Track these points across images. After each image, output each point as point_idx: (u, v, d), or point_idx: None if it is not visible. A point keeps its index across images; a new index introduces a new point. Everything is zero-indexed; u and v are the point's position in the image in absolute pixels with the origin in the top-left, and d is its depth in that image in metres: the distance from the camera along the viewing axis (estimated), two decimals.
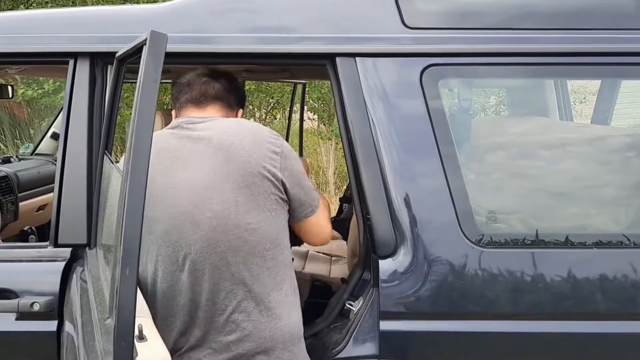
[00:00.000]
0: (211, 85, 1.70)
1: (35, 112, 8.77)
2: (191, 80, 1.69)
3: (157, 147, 1.48)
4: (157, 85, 1.04)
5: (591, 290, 1.69)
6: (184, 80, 1.70)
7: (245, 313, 1.50)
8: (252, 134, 1.56)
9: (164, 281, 1.54)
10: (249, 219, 1.49)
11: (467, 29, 1.76)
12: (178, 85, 1.71)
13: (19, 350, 1.82)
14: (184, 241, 1.50)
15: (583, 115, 3.60)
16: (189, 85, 1.69)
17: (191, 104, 1.68)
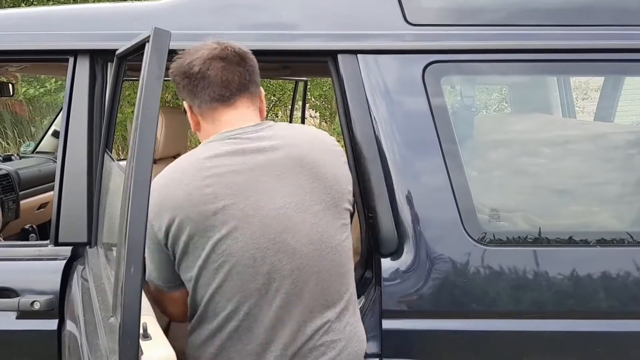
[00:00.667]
0: (231, 71, 1.37)
1: (37, 110, 8.78)
2: (204, 70, 1.34)
3: (219, 170, 1.30)
4: (161, 83, 1.03)
5: (594, 289, 1.68)
6: (193, 70, 1.35)
7: (333, 332, 1.36)
8: (329, 148, 1.43)
9: (248, 317, 1.32)
10: (339, 239, 1.38)
11: (469, 25, 1.76)
12: (188, 77, 1.36)
13: (19, 349, 1.82)
14: (278, 273, 1.30)
15: (586, 112, 3.59)
16: (204, 77, 1.35)
17: (218, 103, 1.37)
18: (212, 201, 1.28)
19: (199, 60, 1.34)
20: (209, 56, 1.34)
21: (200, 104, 1.38)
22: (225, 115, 1.39)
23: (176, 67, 1.37)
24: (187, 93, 1.39)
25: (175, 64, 1.37)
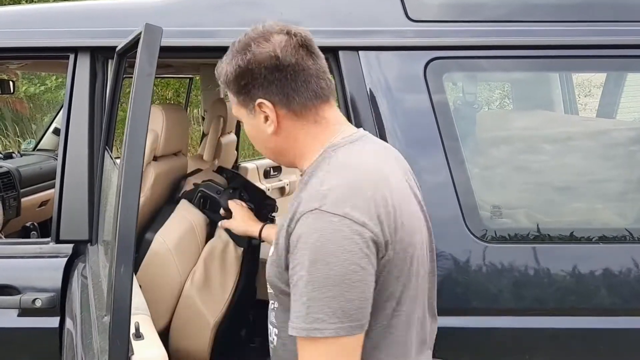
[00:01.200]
0: (318, 60, 1.18)
1: (37, 107, 8.79)
2: (300, 61, 1.14)
3: (386, 172, 1.16)
4: (152, 79, 1.03)
5: (596, 286, 1.67)
6: (288, 61, 1.12)
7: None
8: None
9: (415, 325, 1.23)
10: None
11: (471, 21, 1.75)
12: (281, 70, 1.13)
13: (21, 347, 1.82)
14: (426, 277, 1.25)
15: (588, 108, 3.58)
16: (304, 70, 1.14)
17: (320, 100, 1.17)
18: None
19: (289, 49, 1.12)
20: (294, 44, 1.13)
21: (302, 101, 1.14)
22: (328, 112, 1.19)
23: (261, 59, 1.12)
24: (278, 90, 1.13)
25: (258, 56, 1.12)
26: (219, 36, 1.79)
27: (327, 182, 1.07)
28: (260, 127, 1.18)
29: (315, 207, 1.03)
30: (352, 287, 1.01)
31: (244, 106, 1.18)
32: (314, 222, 1.03)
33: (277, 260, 1.13)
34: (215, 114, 3.03)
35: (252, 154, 8.41)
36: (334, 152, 1.15)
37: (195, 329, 2.13)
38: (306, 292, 1.02)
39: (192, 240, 2.18)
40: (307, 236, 1.02)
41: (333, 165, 1.12)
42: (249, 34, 1.16)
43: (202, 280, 2.16)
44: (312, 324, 1.01)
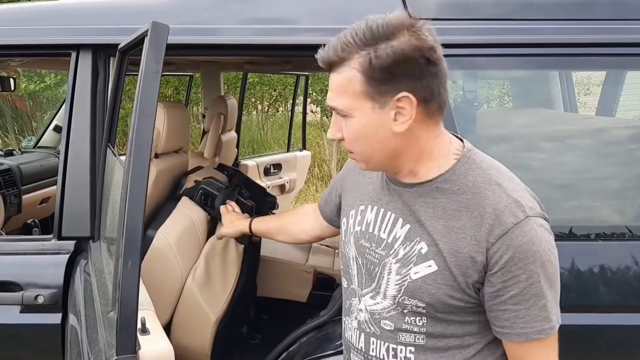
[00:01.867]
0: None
1: (37, 104, 8.78)
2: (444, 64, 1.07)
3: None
4: (159, 77, 1.03)
5: (595, 283, 1.68)
6: (441, 60, 1.06)
7: None
8: None
9: None
10: None
11: (471, 19, 1.75)
12: (437, 65, 1.06)
13: (23, 343, 1.83)
14: None
15: (588, 106, 3.58)
16: (444, 68, 1.07)
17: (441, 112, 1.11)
18: None
19: (439, 49, 1.06)
20: (413, 46, 1.03)
21: (442, 101, 1.08)
22: (441, 123, 1.14)
23: (423, 48, 1.04)
24: (427, 85, 1.05)
25: (420, 44, 1.04)
26: (222, 34, 1.80)
27: (514, 189, 1.10)
28: (385, 124, 1.07)
29: (523, 217, 1.05)
30: (559, 275, 1.12)
31: (372, 99, 1.06)
32: (530, 230, 1.05)
33: (451, 278, 1.10)
34: (215, 112, 3.03)
35: (252, 152, 8.42)
36: (475, 156, 1.15)
37: (196, 325, 2.14)
38: (543, 295, 1.07)
39: (193, 237, 2.19)
40: (528, 245, 1.05)
41: (493, 169, 1.13)
42: (390, 22, 1.05)
43: (203, 277, 2.17)
44: (554, 319, 1.10)
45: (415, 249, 1.13)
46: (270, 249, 2.93)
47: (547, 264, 1.06)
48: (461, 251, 1.08)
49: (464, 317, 1.15)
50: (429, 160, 1.13)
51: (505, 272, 1.06)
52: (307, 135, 5.08)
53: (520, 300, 1.07)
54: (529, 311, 1.07)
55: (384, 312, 1.19)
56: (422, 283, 1.12)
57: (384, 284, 1.18)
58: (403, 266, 1.14)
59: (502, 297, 1.08)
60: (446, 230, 1.10)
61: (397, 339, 1.18)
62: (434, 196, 1.12)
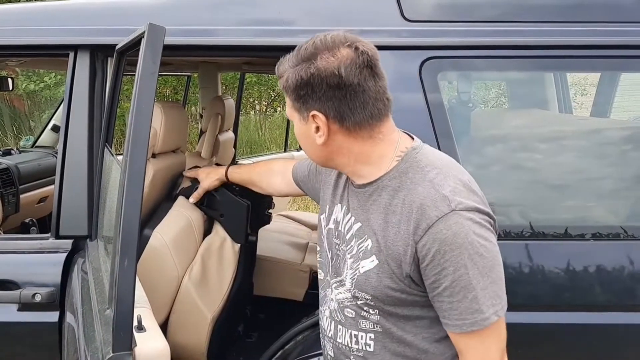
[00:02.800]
0: (380, 80, 1.18)
1: (35, 104, 8.78)
2: (362, 82, 1.13)
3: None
4: (156, 78, 1.05)
5: (589, 282, 1.70)
6: (350, 81, 1.12)
7: None
8: None
9: None
10: None
11: (466, 21, 1.77)
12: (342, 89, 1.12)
13: (20, 341, 1.84)
14: None
15: (584, 107, 3.60)
16: (364, 92, 1.14)
17: (376, 120, 1.18)
18: None
19: (353, 68, 1.11)
20: (360, 64, 1.12)
21: (356, 120, 1.15)
22: (385, 126, 1.20)
23: (324, 75, 1.12)
24: (334, 106, 1.14)
25: (322, 72, 1.12)
26: (219, 35, 1.81)
27: (444, 184, 1.13)
28: (310, 135, 1.19)
29: (447, 211, 1.09)
30: (500, 267, 1.14)
31: (297, 112, 1.19)
32: (454, 224, 1.09)
33: (389, 271, 1.16)
34: (213, 112, 3.04)
35: (249, 152, 8.43)
36: (419, 155, 1.20)
37: (192, 323, 2.15)
38: (472, 288, 1.09)
39: (190, 236, 2.20)
40: (453, 238, 1.08)
41: (431, 167, 1.17)
42: (316, 43, 1.14)
43: (199, 276, 2.18)
44: (488, 311, 1.10)
45: (363, 246, 1.21)
46: (266, 248, 2.94)
47: (475, 256, 1.09)
48: (395, 244, 1.15)
49: (413, 312, 1.21)
50: (368, 164, 1.21)
51: (435, 265, 1.11)
52: None
53: (452, 292, 1.11)
54: (460, 303, 1.11)
55: (346, 301, 1.27)
56: (366, 277, 1.20)
57: (344, 276, 1.27)
58: (355, 261, 1.23)
59: (437, 290, 1.12)
60: (385, 224, 1.17)
61: (358, 325, 1.26)
62: (379, 194, 1.20)
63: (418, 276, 1.14)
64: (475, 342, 1.14)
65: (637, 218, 1.82)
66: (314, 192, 1.60)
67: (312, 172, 1.60)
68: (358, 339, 1.27)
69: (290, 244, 3.16)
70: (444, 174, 1.15)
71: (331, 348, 1.35)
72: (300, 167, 1.68)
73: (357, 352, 1.27)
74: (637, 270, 1.69)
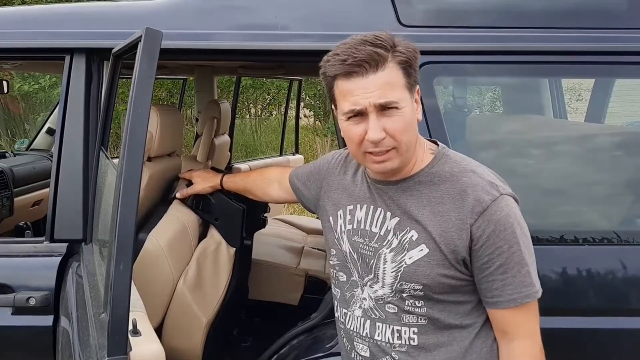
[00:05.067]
0: None
1: (30, 107, 8.76)
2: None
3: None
4: (152, 82, 1.05)
5: (583, 287, 1.70)
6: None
7: None
8: None
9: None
10: None
11: (462, 27, 1.78)
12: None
13: (15, 345, 1.83)
14: None
15: (579, 112, 3.62)
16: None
17: None
18: None
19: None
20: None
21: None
22: None
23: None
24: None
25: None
26: (215, 39, 1.81)
27: (485, 174, 1.24)
28: (414, 112, 1.23)
29: (498, 195, 1.20)
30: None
31: (409, 90, 1.21)
32: (505, 206, 1.20)
33: (442, 258, 1.22)
34: (209, 115, 3.04)
35: (245, 155, 8.43)
36: (449, 152, 1.31)
37: (187, 327, 2.15)
38: (525, 263, 1.20)
39: (185, 240, 2.20)
40: (506, 218, 1.19)
41: (466, 161, 1.29)
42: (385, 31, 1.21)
43: (194, 280, 2.18)
44: (536, 285, 1.22)
45: (407, 237, 1.26)
46: (261, 252, 2.94)
47: (523, 235, 1.21)
48: (448, 231, 1.21)
49: (458, 297, 1.27)
50: (419, 147, 1.29)
51: (490, 245, 1.19)
52: (299, 139, 5.10)
53: (506, 269, 1.20)
54: (514, 278, 1.20)
55: (387, 297, 1.29)
56: (416, 267, 1.24)
57: (380, 273, 1.29)
58: (397, 254, 1.26)
59: (489, 269, 1.21)
60: (432, 215, 1.23)
61: (401, 320, 1.29)
62: (418, 189, 1.27)
63: (469, 259, 1.22)
64: (524, 316, 1.23)
65: (631, 223, 1.83)
66: (309, 198, 1.59)
67: (311, 178, 1.59)
68: (401, 334, 1.29)
69: (286, 248, 3.16)
70: (479, 166, 1.27)
71: (367, 348, 1.35)
72: (299, 173, 1.68)
73: (400, 347, 1.29)
74: (630, 274, 1.70)
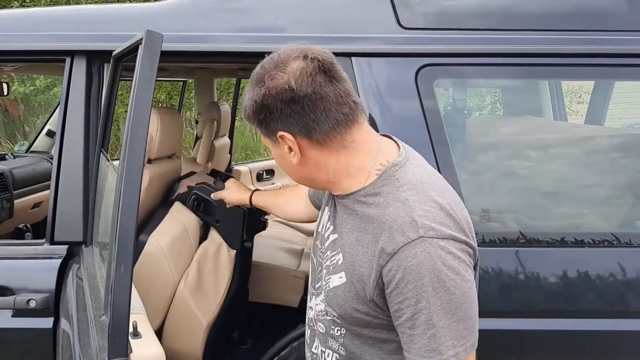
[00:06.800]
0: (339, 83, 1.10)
1: (30, 109, 8.76)
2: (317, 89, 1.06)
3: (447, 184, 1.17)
4: (153, 84, 1.05)
5: (583, 289, 1.70)
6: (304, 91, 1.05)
7: None
8: None
9: None
10: None
11: (462, 29, 1.78)
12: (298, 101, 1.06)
13: (14, 347, 1.83)
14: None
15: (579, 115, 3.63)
16: (322, 98, 1.06)
17: (344, 126, 1.11)
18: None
19: (306, 77, 1.05)
20: (310, 71, 1.06)
21: (322, 130, 1.07)
22: (357, 133, 1.11)
23: (275, 93, 1.06)
24: (296, 122, 1.07)
25: (272, 90, 1.06)
26: (214, 41, 1.82)
27: (416, 207, 1.04)
28: (285, 157, 1.13)
29: (415, 237, 1.00)
30: (471, 304, 1.02)
31: (267, 137, 1.13)
32: (422, 252, 1.00)
33: (355, 292, 1.09)
34: (209, 117, 3.05)
35: (244, 157, 8.42)
36: (401, 171, 1.10)
37: (187, 330, 2.14)
38: (432, 325, 1.00)
39: (186, 242, 2.20)
40: (418, 267, 0.99)
41: (408, 186, 1.08)
42: (264, 65, 1.09)
43: (195, 282, 2.18)
44: (447, 352, 1.00)
45: (335, 259, 1.15)
46: (262, 254, 2.93)
47: (440, 290, 0.99)
48: (362, 265, 1.08)
49: (381, 334, 1.13)
50: (348, 178, 1.13)
51: (398, 293, 1.02)
52: None
53: (413, 325, 1.02)
54: (420, 338, 1.01)
55: (320, 314, 1.21)
56: (334, 293, 1.13)
57: (319, 285, 1.21)
58: (327, 273, 1.16)
59: (400, 319, 1.04)
60: (356, 242, 1.10)
61: (327, 342, 1.20)
62: (354, 208, 1.12)
63: (382, 301, 1.07)
64: None
65: (631, 225, 1.83)
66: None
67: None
68: (325, 356, 1.22)
69: (286, 250, 3.16)
70: (420, 195, 1.06)
71: (309, 356, 1.30)
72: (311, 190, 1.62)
73: None
74: (630, 276, 1.70)
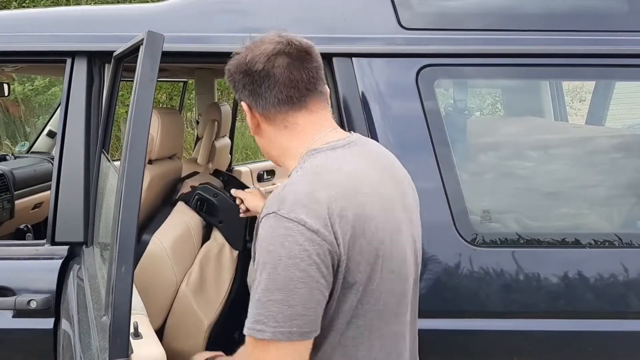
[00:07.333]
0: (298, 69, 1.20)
1: (30, 110, 8.76)
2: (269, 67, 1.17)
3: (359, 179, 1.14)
4: (154, 85, 1.05)
5: (584, 289, 1.70)
6: (256, 67, 1.18)
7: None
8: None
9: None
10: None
11: (462, 30, 1.78)
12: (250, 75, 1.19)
13: (15, 348, 1.83)
14: (409, 287, 1.22)
15: (580, 115, 3.62)
16: (269, 76, 1.18)
17: (288, 106, 1.21)
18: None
19: (262, 56, 1.17)
20: (273, 52, 1.17)
21: (266, 105, 1.19)
22: (302, 118, 1.20)
23: (235, 64, 1.21)
24: (248, 93, 1.21)
25: (234, 61, 1.21)
26: (215, 42, 1.82)
27: (290, 186, 1.09)
28: (250, 125, 1.26)
29: (273, 211, 1.05)
30: (295, 294, 1.01)
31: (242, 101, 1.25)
32: (269, 226, 1.04)
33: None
34: (209, 118, 3.04)
35: (245, 158, 8.42)
36: (311, 157, 1.16)
37: (189, 329, 2.14)
38: (256, 293, 1.03)
39: (188, 242, 2.20)
40: (263, 239, 1.05)
41: (304, 170, 1.13)
42: (248, 44, 1.22)
43: (197, 282, 2.18)
44: (254, 324, 1.02)
45: None
46: None
47: (270, 267, 1.02)
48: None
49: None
50: (289, 158, 1.24)
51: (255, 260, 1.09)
52: None
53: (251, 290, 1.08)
54: (252, 299, 1.05)
55: None
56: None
57: None
58: None
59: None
60: None
61: None
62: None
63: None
64: (246, 346, 1.07)
65: (632, 225, 1.83)
66: None
67: None
68: None
69: None
70: (304, 179, 1.11)
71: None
72: None
73: None
74: (631, 277, 1.70)
